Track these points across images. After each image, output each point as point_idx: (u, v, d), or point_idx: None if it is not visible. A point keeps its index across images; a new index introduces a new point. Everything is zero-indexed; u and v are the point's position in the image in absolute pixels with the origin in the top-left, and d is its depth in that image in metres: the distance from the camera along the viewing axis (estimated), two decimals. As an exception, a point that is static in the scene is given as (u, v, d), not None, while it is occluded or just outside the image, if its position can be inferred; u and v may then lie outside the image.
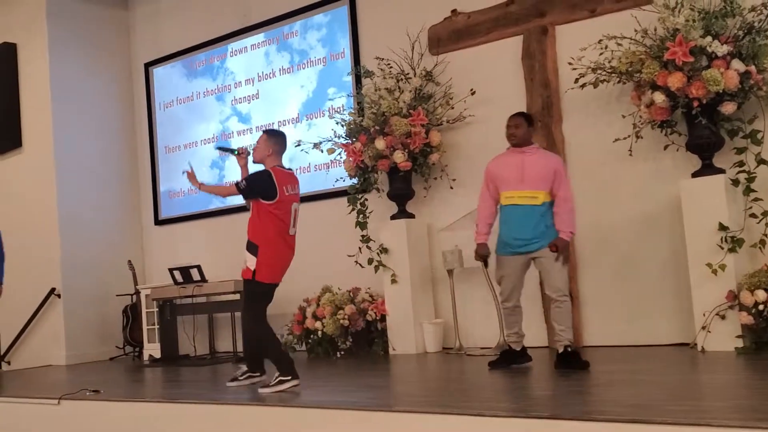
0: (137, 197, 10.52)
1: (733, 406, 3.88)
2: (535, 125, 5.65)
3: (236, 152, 6.01)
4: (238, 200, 9.08)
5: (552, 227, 5.52)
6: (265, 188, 5.49)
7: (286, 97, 9.15)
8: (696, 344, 5.82)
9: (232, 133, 9.64)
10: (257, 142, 5.80)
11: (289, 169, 5.82)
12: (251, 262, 5.49)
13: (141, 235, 10.48)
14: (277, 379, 5.43)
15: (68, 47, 10.00)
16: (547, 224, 5.52)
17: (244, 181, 5.58)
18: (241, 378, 5.88)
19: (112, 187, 10.26)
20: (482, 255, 5.84)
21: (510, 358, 5.85)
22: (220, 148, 6.41)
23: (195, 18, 9.96)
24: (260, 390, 5.45)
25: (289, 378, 5.42)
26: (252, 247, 5.51)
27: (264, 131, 5.92)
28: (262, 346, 5.70)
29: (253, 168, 5.78)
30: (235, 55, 9.64)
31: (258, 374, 5.86)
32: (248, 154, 5.94)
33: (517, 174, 5.53)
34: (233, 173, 9.59)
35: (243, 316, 5.79)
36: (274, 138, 5.78)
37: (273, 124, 9.13)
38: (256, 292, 5.57)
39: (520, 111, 6.05)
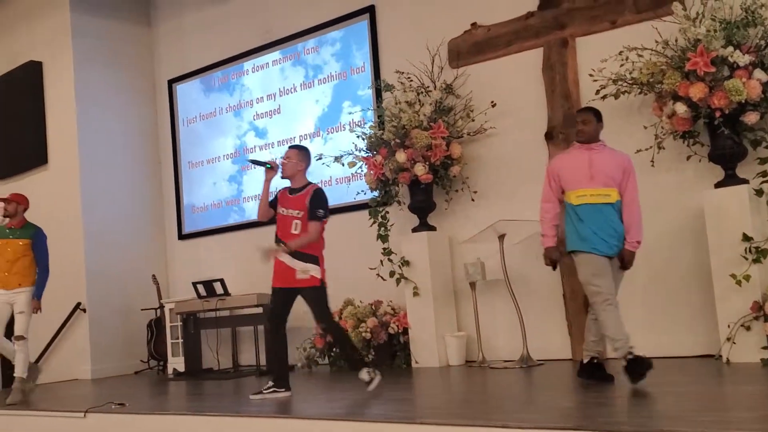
0: (161, 212, 10.61)
1: (761, 417, 3.85)
2: (602, 121, 5.41)
3: (268, 165, 6.09)
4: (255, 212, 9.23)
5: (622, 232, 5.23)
6: (328, 207, 6.02)
7: (303, 112, 9.22)
8: (721, 356, 5.78)
9: (254, 147, 9.71)
10: (287, 157, 6.03)
11: None
12: (316, 270, 5.94)
13: (165, 249, 10.56)
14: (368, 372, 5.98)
15: (93, 65, 10.13)
16: (621, 227, 5.24)
17: (320, 211, 5.96)
18: (371, 380, 5.97)
19: (137, 202, 10.36)
20: (553, 260, 5.42)
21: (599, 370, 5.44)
22: (252, 161, 6.40)
23: (217, 34, 10.07)
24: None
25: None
26: (312, 259, 5.93)
27: (293, 147, 6.16)
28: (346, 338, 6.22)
29: (279, 184, 5.95)
30: (257, 71, 9.72)
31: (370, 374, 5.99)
32: (278, 168, 6.08)
33: (585, 171, 5.22)
34: (251, 187, 9.68)
35: (325, 319, 6.13)
36: (305, 153, 6.12)
37: (294, 138, 9.19)
38: (326, 295, 6.04)
39: (588, 105, 5.88)
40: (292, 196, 6.07)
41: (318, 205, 5.94)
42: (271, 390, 6.01)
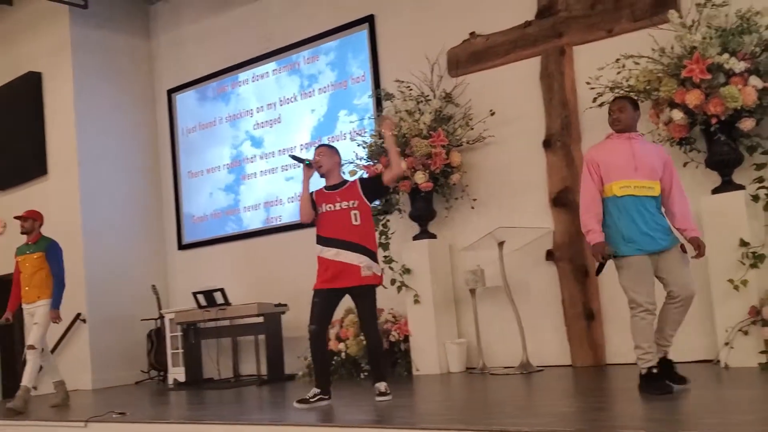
0: (161, 222, 10.64)
1: (761, 419, 3.88)
2: (639, 110, 5.08)
3: (308, 162, 5.83)
4: (255, 223, 9.25)
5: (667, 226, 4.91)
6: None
7: (302, 122, 9.28)
8: (719, 360, 5.81)
9: (254, 157, 9.75)
10: (320, 154, 5.81)
11: None
12: (377, 267, 5.72)
13: (165, 259, 10.58)
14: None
15: (92, 76, 10.19)
16: (664, 221, 4.91)
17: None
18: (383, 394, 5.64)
19: (136, 212, 10.40)
20: (607, 254, 4.86)
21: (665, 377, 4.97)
22: (293, 157, 6.13)
23: (216, 45, 10.12)
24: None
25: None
26: (373, 254, 5.69)
27: (321, 145, 5.99)
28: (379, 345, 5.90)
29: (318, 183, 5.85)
30: (256, 80, 9.77)
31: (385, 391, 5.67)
32: (319, 166, 5.83)
33: (629, 162, 4.86)
34: (247, 197, 9.72)
35: (373, 324, 5.79)
36: (335, 149, 5.96)
37: (293, 148, 9.22)
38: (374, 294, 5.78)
39: (624, 94, 5.65)
40: (336, 191, 5.76)
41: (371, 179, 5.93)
42: (317, 398, 5.67)
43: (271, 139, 9.60)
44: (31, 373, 7.37)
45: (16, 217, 7.78)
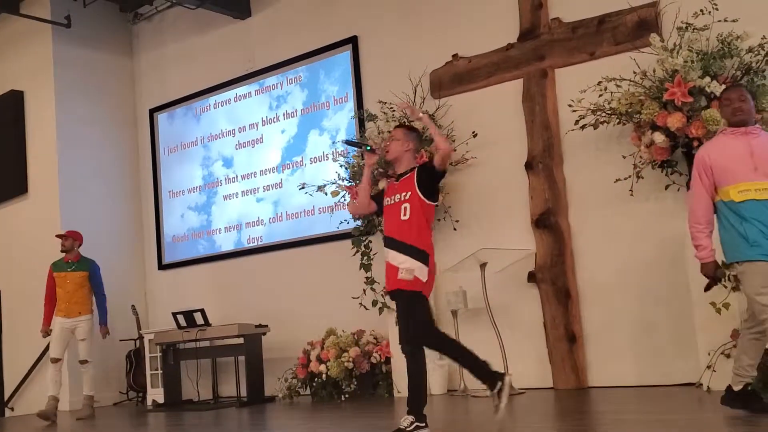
0: (141, 242, 10.56)
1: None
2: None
3: (368, 147, 5.13)
4: (236, 243, 9.19)
5: None
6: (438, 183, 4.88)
7: (283, 142, 9.26)
8: (702, 384, 5.79)
9: (236, 176, 9.71)
10: (393, 137, 4.99)
11: None
12: (422, 271, 4.68)
13: (145, 279, 10.49)
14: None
15: (74, 95, 10.13)
16: None
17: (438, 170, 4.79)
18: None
19: (117, 232, 10.30)
20: (717, 277, 4.48)
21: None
22: (348, 142, 5.44)
23: (199, 65, 10.11)
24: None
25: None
26: (422, 255, 4.70)
27: (399, 126, 5.21)
28: (464, 360, 4.91)
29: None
30: (238, 100, 9.75)
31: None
32: (382, 151, 5.22)
33: (747, 162, 4.36)
34: (228, 217, 9.66)
35: (410, 339, 4.79)
36: (414, 132, 5.05)
37: (274, 169, 9.21)
38: (424, 306, 4.76)
39: (737, 83, 5.22)
40: (398, 182, 4.93)
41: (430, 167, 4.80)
42: (414, 426, 4.76)
43: (253, 160, 9.56)
44: (91, 382, 8.35)
45: (58, 236, 8.53)
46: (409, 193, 4.78)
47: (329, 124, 8.87)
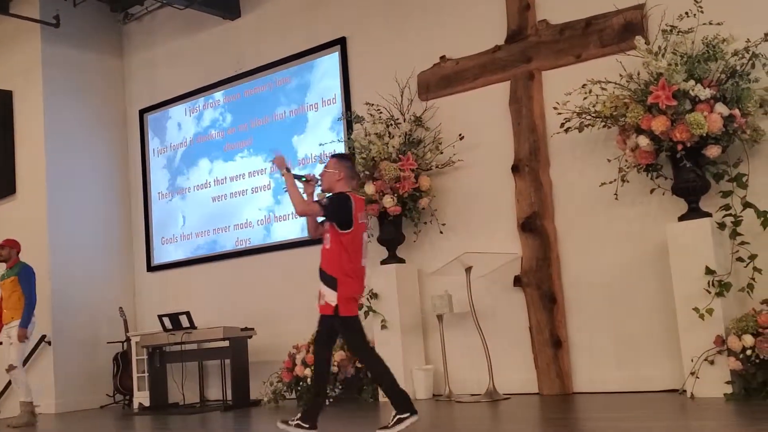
0: (130, 243, 10.49)
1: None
2: None
3: (304, 179, 5.44)
4: (224, 245, 9.14)
5: None
6: (343, 214, 5.14)
7: (273, 143, 9.18)
8: (685, 390, 5.73)
9: (224, 179, 9.65)
10: (326, 166, 5.38)
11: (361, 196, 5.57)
12: (331, 296, 5.15)
13: (133, 281, 10.43)
14: (395, 418, 4.99)
15: (63, 95, 10.08)
16: None
17: (326, 199, 5.22)
18: (392, 425, 5.04)
19: (105, 233, 10.25)
20: None
21: None
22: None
23: (188, 65, 10.05)
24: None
25: (408, 415, 4.99)
26: (330, 281, 5.16)
27: (333, 155, 5.54)
28: (385, 379, 5.17)
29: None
30: (227, 101, 9.70)
31: (408, 414, 5.05)
32: (316, 181, 5.48)
33: None
34: (217, 219, 9.61)
35: (359, 354, 5.44)
36: (345, 161, 5.41)
37: (264, 170, 9.16)
38: (349, 325, 5.20)
39: None
40: None
41: (330, 196, 5.25)
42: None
43: (242, 162, 9.51)
44: (23, 388, 8.01)
45: None
46: (328, 223, 5.23)
47: (317, 125, 8.81)
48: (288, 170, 5.43)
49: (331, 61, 8.71)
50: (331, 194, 5.29)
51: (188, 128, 10.11)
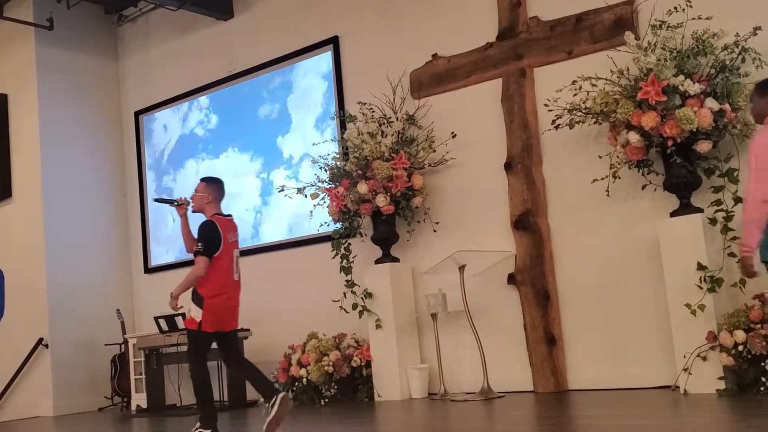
0: (127, 246, 10.49)
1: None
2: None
3: (175, 203, 5.95)
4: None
5: None
6: (214, 240, 5.58)
7: (266, 144, 9.20)
8: (678, 387, 5.72)
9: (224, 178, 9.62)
10: (196, 190, 5.84)
11: (228, 215, 5.88)
12: (196, 312, 5.55)
13: (131, 283, 10.43)
14: (197, 429, 5.56)
15: (58, 97, 10.06)
16: None
17: (200, 245, 5.56)
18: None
19: (102, 235, 10.24)
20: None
21: None
22: (158, 200, 6.41)
23: (184, 67, 10.03)
24: None
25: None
26: (198, 299, 5.55)
27: (202, 179, 5.96)
28: (200, 391, 5.68)
29: (193, 218, 5.81)
30: (222, 101, 9.69)
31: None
32: (188, 204, 5.90)
33: None
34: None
35: (191, 363, 5.74)
36: (213, 185, 5.86)
37: (253, 170, 9.16)
38: (199, 341, 5.61)
39: None
40: None
41: (199, 238, 5.59)
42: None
43: (235, 162, 9.50)
44: None
45: None
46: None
47: (311, 124, 8.79)
48: (161, 200, 6.23)
49: (323, 60, 8.68)
50: (199, 227, 5.65)
51: (182, 129, 10.09)
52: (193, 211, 5.85)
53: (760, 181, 4.14)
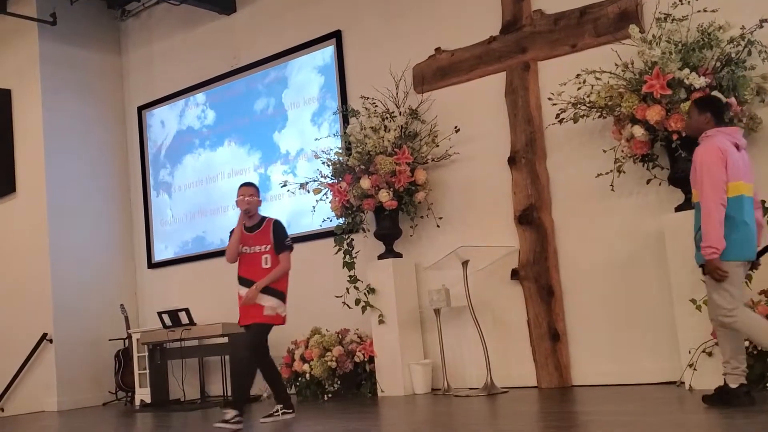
0: (130, 241, 10.48)
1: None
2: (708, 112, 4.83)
3: None
4: (217, 240, 9.11)
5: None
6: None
7: (269, 138, 9.17)
8: (683, 382, 5.68)
9: (222, 174, 9.63)
10: (250, 194, 6.16)
11: None
12: (281, 308, 6.11)
13: (134, 278, 10.42)
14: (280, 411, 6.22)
15: (62, 93, 10.06)
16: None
17: (289, 240, 6.16)
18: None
19: (105, 231, 10.23)
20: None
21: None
22: None
23: (186, 62, 10.01)
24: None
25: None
26: (279, 294, 6.09)
27: (248, 184, 6.28)
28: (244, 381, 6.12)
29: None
30: (225, 96, 9.66)
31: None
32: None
33: (745, 161, 4.83)
34: (206, 217, 9.57)
35: (252, 355, 6.08)
36: (258, 188, 6.31)
37: (257, 166, 9.13)
38: (266, 335, 6.21)
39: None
40: (251, 233, 6.22)
41: (284, 236, 6.14)
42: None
43: (238, 157, 9.47)
44: None
45: None
46: (268, 246, 6.13)
47: (313, 119, 8.76)
48: None
49: (326, 54, 8.64)
50: (276, 223, 6.23)
51: (185, 124, 10.07)
52: (250, 215, 6.20)
53: (717, 191, 4.60)
